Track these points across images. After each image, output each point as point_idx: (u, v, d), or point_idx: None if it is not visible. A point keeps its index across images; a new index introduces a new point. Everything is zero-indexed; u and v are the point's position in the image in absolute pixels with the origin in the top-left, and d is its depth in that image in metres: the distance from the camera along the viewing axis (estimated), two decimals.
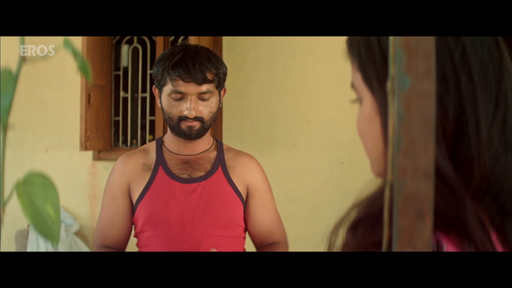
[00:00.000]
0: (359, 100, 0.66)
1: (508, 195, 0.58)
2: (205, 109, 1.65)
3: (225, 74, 1.69)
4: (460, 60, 0.58)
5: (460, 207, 0.55)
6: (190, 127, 1.65)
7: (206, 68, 1.63)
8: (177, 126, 1.65)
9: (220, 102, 1.71)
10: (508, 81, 0.60)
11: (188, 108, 1.62)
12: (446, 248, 0.54)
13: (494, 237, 0.57)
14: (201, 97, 1.64)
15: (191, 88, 1.62)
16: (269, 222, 1.75)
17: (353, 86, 0.67)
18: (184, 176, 1.67)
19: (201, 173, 1.69)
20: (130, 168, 1.70)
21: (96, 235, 1.72)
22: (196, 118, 1.64)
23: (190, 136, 1.66)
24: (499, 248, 0.57)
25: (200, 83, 1.62)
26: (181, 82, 1.62)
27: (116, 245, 1.70)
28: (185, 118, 1.64)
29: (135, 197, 1.68)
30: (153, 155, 1.72)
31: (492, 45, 0.60)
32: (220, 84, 1.67)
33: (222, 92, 1.72)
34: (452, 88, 0.57)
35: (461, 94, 0.57)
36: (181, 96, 1.63)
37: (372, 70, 0.62)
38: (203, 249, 1.62)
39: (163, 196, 1.65)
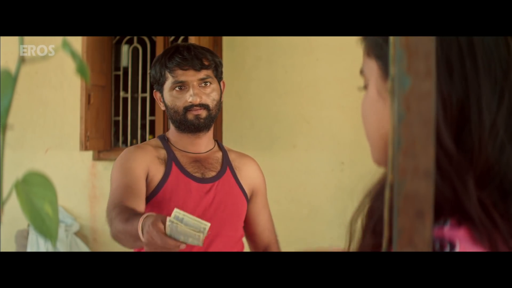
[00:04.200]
0: (366, 87, 0.66)
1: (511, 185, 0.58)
2: (208, 97, 1.67)
3: (220, 63, 1.72)
4: (466, 43, 0.58)
5: (463, 186, 0.55)
6: (197, 116, 1.65)
7: (202, 54, 1.66)
8: (184, 118, 1.66)
9: (221, 93, 1.72)
10: None
11: (191, 94, 1.64)
12: (459, 246, 0.54)
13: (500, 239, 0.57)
14: (202, 84, 1.66)
15: (190, 76, 1.64)
16: (269, 221, 1.80)
17: (362, 72, 0.67)
18: (198, 175, 1.68)
19: (213, 173, 1.70)
20: (148, 156, 1.65)
21: (109, 205, 1.56)
22: (202, 105, 1.65)
23: (198, 126, 1.66)
24: (503, 234, 0.56)
25: (198, 69, 1.64)
26: (180, 72, 1.64)
27: (138, 204, 1.54)
28: (191, 107, 1.65)
29: (150, 189, 1.62)
30: (162, 151, 1.70)
31: (500, 40, 0.60)
32: (217, 72, 1.70)
33: (221, 84, 1.73)
34: (456, 72, 0.57)
35: (466, 79, 0.57)
36: (183, 87, 1.65)
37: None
38: (212, 249, 1.63)
39: (179, 194, 1.64)
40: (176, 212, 1.23)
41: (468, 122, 0.57)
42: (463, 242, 0.55)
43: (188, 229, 1.21)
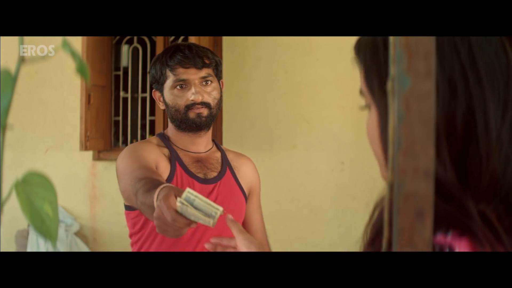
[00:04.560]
0: (367, 106, 0.67)
1: None
2: (210, 95, 1.67)
3: (220, 62, 1.72)
4: (467, 60, 0.58)
5: (464, 212, 0.55)
6: (198, 114, 1.65)
7: (203, 52, 1.67)
8: (185, 116, 1.65)
9: (221, 92, 1.72)
10: None
11: (193, 93, 1.64)
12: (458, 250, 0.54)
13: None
14: (203, 83, 1.66)
15: (192, 74, 1.64)
16: (261, 222, 1.81)
17: (361, 92, 0.67)
18: (200, 175, 1.67)
19: (214, 173, 1.70)
20: (155, 151, 1.64)
21: (131, 182, 1.46)
22: (203, 104, 1.65)
23: (200, 124, 1.65)
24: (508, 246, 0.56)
25: (200, 67, 1.64)
26: (181, 70, 1.64)
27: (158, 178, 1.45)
28: (192, 105, 1.64)
29: None
30: (165, 149, 1.69)
31: (499, 49, 0.60)
32: (217, 70, 1.70)
33: (221, 83, 1.73)
34: (460, 89, 0.58)
35: (470, 95, 0.58)
36: (185, 85, 1.65)
37: (375, 75, 0.62)
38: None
39: None
40: (188, 193, 1.16)
41: (475, 137, 0.57)
42: (463, 250, 0.55)
43: (198, 213, 1.16)
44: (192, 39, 3.02)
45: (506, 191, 0.58)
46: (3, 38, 3.08)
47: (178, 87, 1.65)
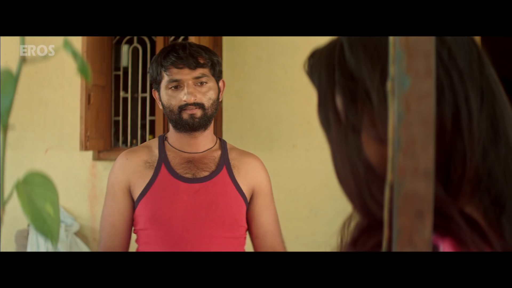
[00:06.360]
0: None
1: (499, 187, 0.59)
2: (204, 96, 1.65)
3: (218, 61, 1.70)
4: (448, 59, 0.59)
5: (448, 220, 0.55)
6: (191, 115, 1.64)
7: (197, 52, 1.65)
8: (178, 117, 1.65)
9: (220, 92, 1.71)
10: (488, 72, 0.61)
11: (186, 93, 1.63)
12: (442, 250, 0.54)
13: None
14: (197, 83, 1.65)
15: (185, 74, 1.63)
16: (272, 224, 1.75)
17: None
18: (188, 175, 1.67)
19: (206, 173, 1.68)
20: (131, 166, 1.69)
21: (101, 234, 1.72)
22: (196, 104, 1.64)
23: (193, 125, 1.65)
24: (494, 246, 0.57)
25: (193, 68, 1.63)
26: (174, 70, 1.64)
27: (119, 244, 1.70)
28: (185, 106, 1.64)
29: (136, 195, 1.67)
30: (156, 153, 1.70)
31: (470, 41, 0.61)
32: (215, 70, 1.68)
33: (221, 84, 1.72)
34: (446, 88, 0.58)
35: (455, 92, 0.58)
36: (178, 85, 1.65)
37: (331, 103, 0.63)
38: (204, 250, 1.62)
39: (165, 195, 1.64)
40: None
41: (461, 133, 0.58)
42: (447, 248, 0.55)
43: None
44: (192, 39, 3.02)
45: (487, 183, 0.58)
46: (3, 38, 3.08)
47: (172, 87, 1.65)
